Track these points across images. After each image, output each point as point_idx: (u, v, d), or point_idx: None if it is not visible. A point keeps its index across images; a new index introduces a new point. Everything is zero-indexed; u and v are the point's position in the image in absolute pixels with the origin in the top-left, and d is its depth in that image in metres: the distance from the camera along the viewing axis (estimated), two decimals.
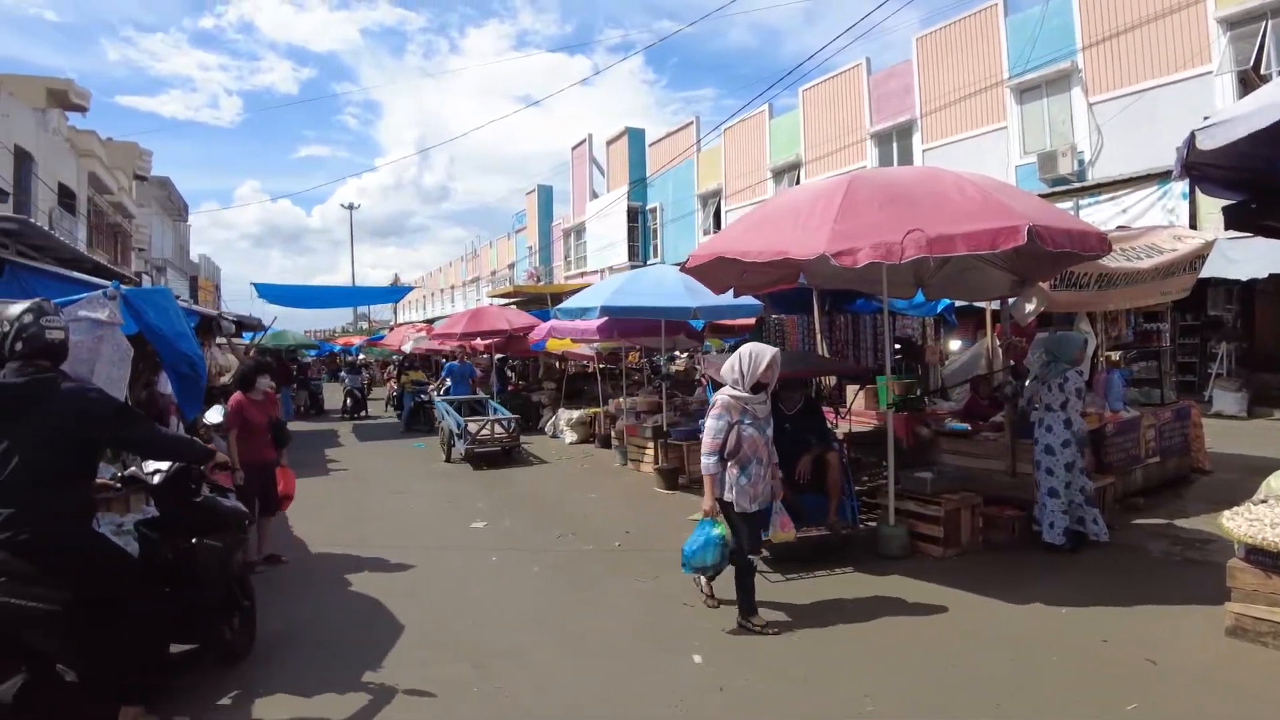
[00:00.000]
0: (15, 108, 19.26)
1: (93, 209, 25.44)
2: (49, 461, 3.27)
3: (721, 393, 4.92)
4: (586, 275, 30.04)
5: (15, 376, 3.29)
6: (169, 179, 37.91)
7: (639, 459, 10.53)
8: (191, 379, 4.74)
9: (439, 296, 53.23)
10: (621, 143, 29.76)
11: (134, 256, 30.10)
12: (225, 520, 4.28)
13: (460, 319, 15.69)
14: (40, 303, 3.46)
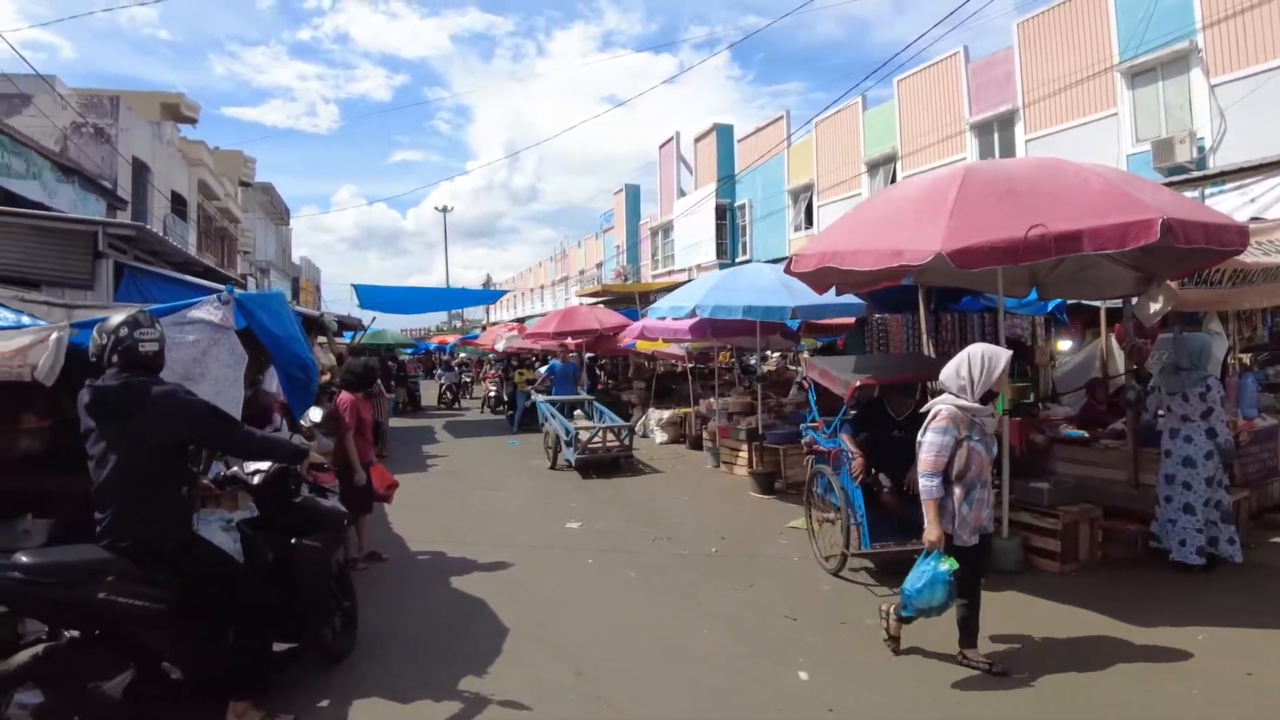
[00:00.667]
0: (134, 122, 20.28)
1: (202, 214, 26.63)
2: (145, 463, 3.40)
3: (944, 402, 4.22)
4: (674, 274, 29.85)
5: (112, 381, 3.44)
6: (272, 185, 39.43)
7: (732, 461, 10.36)
8: (303, 381, 4.83)
9: (528, 296, 53.96)
10: (709, 139, 29.46)
11: (240, 259, 31.39)
12: (324, 520, 4.32)
13: (552, 319, 15.81)
14: (137, 315, 3.57)
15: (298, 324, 5.09)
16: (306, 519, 4.21)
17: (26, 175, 12.12)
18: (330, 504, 4.43)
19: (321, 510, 4.33)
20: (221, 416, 3.62)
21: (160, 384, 3.49)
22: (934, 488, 4.12)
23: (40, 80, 16.69)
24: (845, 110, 23.26)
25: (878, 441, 6.02)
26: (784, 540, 7.11)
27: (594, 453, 10.82)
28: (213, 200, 28.01)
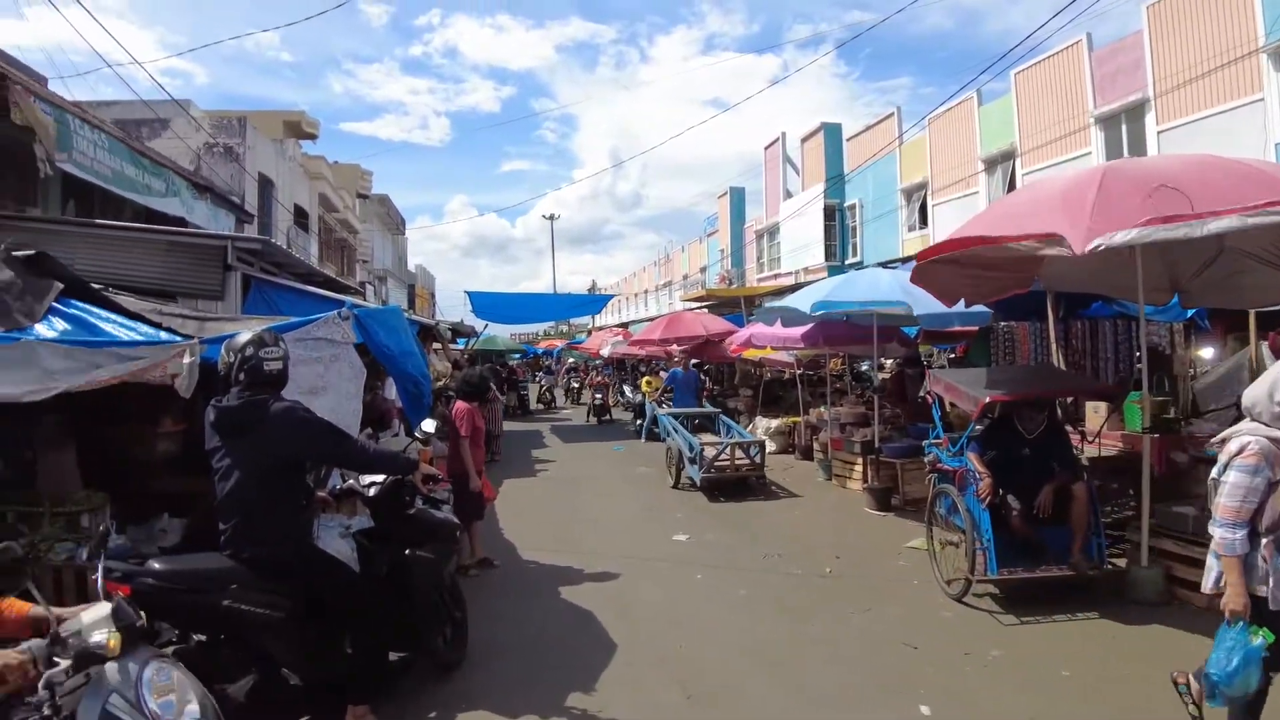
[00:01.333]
0: (259, 140, 21.34)
1: (323, 226, 27.81)
2: (264, 478, 3.52)
3: (1252, 433, 3.23)
4: (780, 277, 29.36)
5: (235, 400, 3.58)
6: (388, 196, 40.98)
7: (845, 475, 10.02)
8: (416, 395, 4.90)
9: (632, 301, 54.25)
10: (817, 139, 28.85)
11: (358, 268, 32.65)
12: (437, 532, 4.38)
13: (658, 325, 15.75)
14: (262, 334, 3.70)
15: (413, 338, 5.17)
16: (420, 530, 4.28)
17: (166, 193, 12.76)
18: (443, 516, 4.49)
19: (435, 522, 4.39)
20: (335, 433, 3.70)
21: (280, 401, 3.58)
22: (1238, 541, 3.21)
23: (177, 105, 17.71)
24: (959, 106, 22.39)
25: (1006, 461, 5.67)
26: (902, 562, 6.80)
27: (721, 471, 9.89)
28: (333, 213, 29.19)
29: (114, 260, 8.56)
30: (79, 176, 10.56)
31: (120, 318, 4.92)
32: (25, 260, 5.26)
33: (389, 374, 5.11)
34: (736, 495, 9.84)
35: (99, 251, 8.65)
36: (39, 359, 3.84)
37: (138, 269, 8.61)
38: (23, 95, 9.21)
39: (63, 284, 5.23)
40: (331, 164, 30.40)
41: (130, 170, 11.78)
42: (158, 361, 3.75)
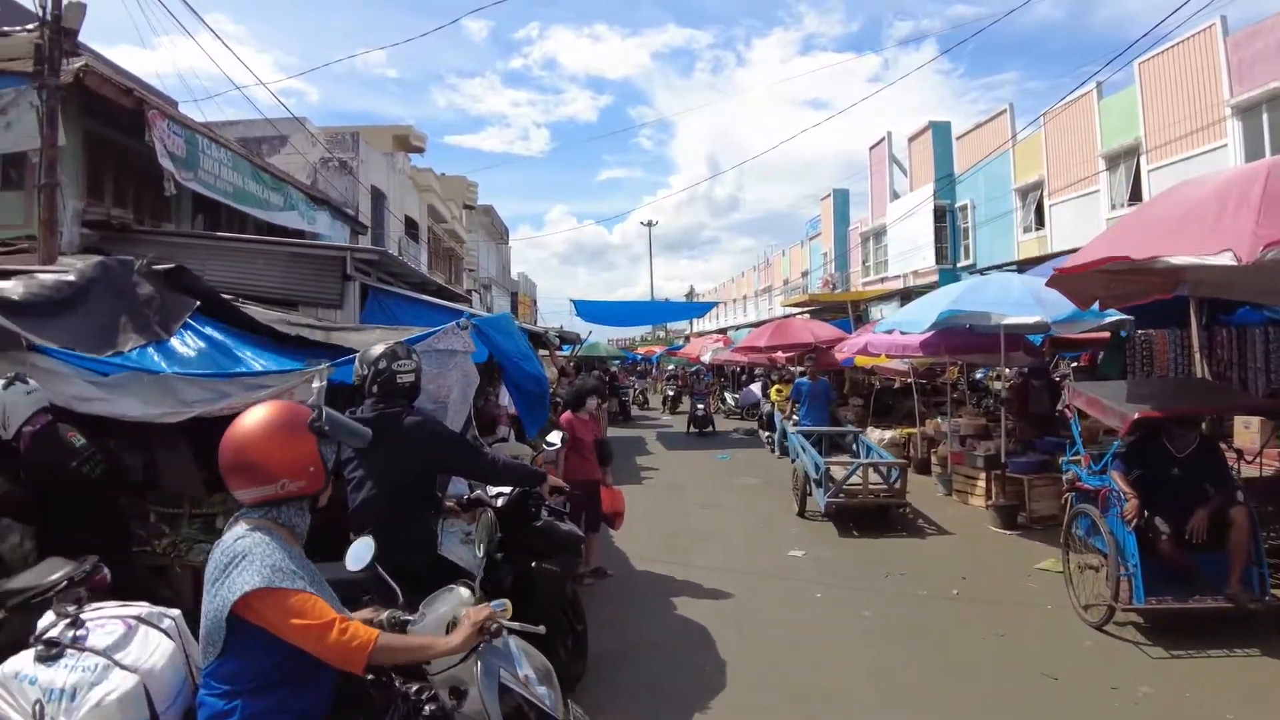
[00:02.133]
0: (371, 154, 22.12)
1: (431, 236, 28.61)
2: (397, 490, 3.55)
3: None
4: (887, 280, 28.58)
5: (369, 412, 3.60)
6: (492, 207, 41.90)
7: (966, 490, 9.56)
8: (537, 395, 4.97)
9: (731, 307, 53.81)
10: (925, 138, 27.94)
11: (465, 276, 33.45)
12: (562, 544, 4.35)
13: (764, 331, 15.49)
14: (395, 347, 3.74)
15: (526, 341, 5.21)
16: (546, 542, 4.27)
17: (285, 207, 13.27)
18: (568, 528, 4.45)
19: (560, 534, 4.36)
20: (466, 445, 3.77)
21: (412, 413, 3.62)
22: None
23: (296, 122, 18.54)
24: (1078, 100, 21.26)
25: (1154, 481, 5.26)
26: (1033, 584, 6.42)
27: (852, 497, 8.50)
28: (441, 223, 30.00)
29: (240, 271, 8.96)
30: (205, 194, 11.10)
31: (250, 343, 5.13)
32: (165, 274, 5.54)
33: (507, 378, 5.15)
34: (871, 527, 8.50)
35: (227, 263, 9.08)
36: (174, 389, 4.02)
37: (262, 279, 8.98)
38: (155, 119, 9.77)
39: (198, 300, 5.49)
40: (439, 176, 31.24)
41: (252, 186, 12.27)
42: (287, 388, 3.87)
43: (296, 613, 2.01)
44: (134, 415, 3.96)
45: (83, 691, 2.05)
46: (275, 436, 2.18)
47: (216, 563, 2.08)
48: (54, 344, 4.22)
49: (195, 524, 4.64)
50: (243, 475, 2.16)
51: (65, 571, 3.43)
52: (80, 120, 9.74)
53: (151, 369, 4.15)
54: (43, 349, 4.07)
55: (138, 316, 5.05)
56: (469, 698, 2.30)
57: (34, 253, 7.07)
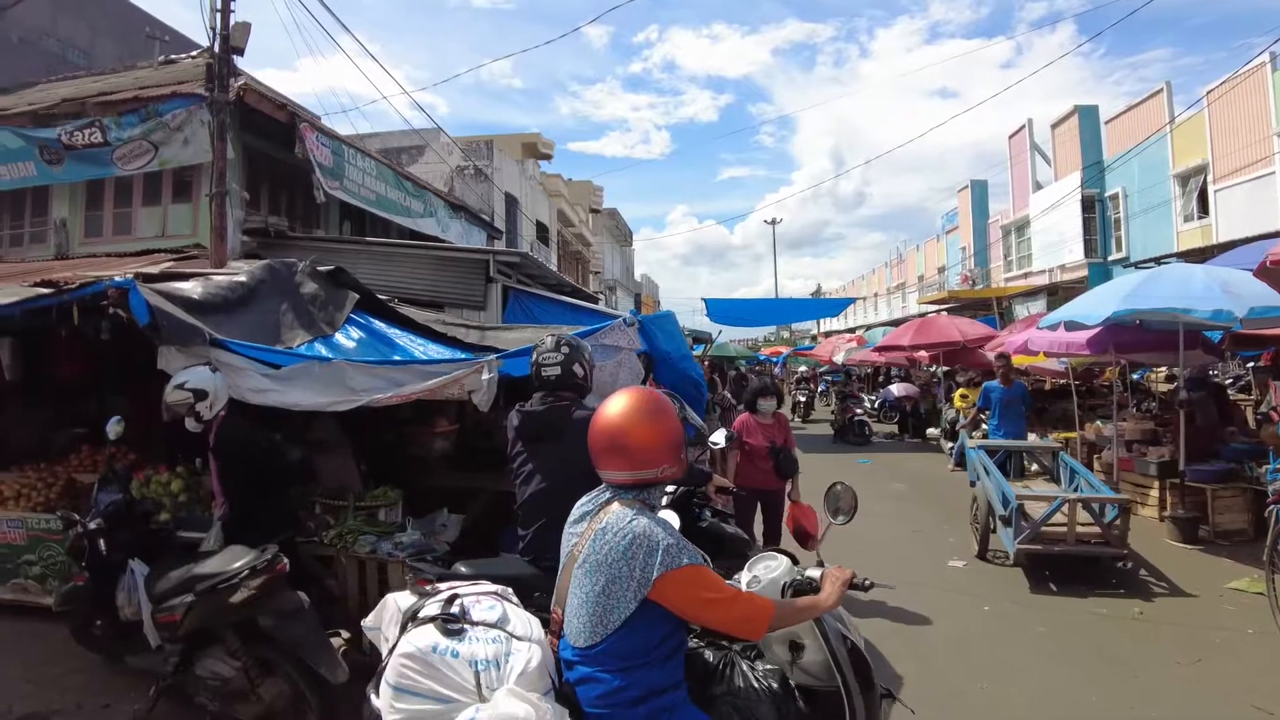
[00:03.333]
0: (504, 161, 22.79)
1: (560, 240, 29.19)
2: (566, 486, 3.35)
3: None
4: (1031, 276, 27.07)
5: (537, 405, 3.52)
6: (617, 210, 42.43)
7: (1137, 500, 8.76)
8: (695, 398, 4.83)
9: (861, 305, 52.32)
10: (1070, 124, 26.23)
11: (591, 279, 33.92)
12: (728, 547, 4.13)
13: (906, 330, 14.83)
14: (545, 338, 3.67)
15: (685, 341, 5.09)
16: (710, 544, 3.98)
17: (424, 214, 13.83)
18: (734, 530, 4.26)
19: (725, 536, 4.16)
20: None
21: (583, 409, 3.49)
22: None
23: (433, 133, 19.32)
24: (1246, 75, 19.48)
25: None
26: (1229, 606, 5.80)
27: (1053, 542, 6.49)
28: (569, 227, 30.60)
29: (390, 274, 9.30)
30: (351, 203, 11.58)
31: (412, 334, 5.26)
32: (327, 274, 5.75)
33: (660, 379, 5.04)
34: (1075, 576, 6.50)
35: (376, 266, 9.44)
36: (346, 378, 4.12)
37: (410, 282, 9.31)
38: (305, 131, 10.31)
39: (358, 295, 5.68)
40: (567, 181, 31.86)
41: (393, 193, 12.81)
42: (457, 378, 3.89)
43: (707, 587, 2.13)
44: (306, 405, 4.09)
45: (504, 661, 2.14)
46: (660, 423, 2.29)
47: (609, 544, 2.14)
48: (239, 339, 4.42)
49: (359, 515, 4.75)
50: (626, 458, 2.27)
51: (248, 560, 3.54)
52: (240, 135, 10.32)
53: (322, 360, 4.27)
54: (222, 343, 4.25)
55: (304, 314, 5.26)
56: (807, 649, 2.37)
57: (202, 259, 7.51)
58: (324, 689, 3.47)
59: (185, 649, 3.61)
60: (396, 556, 4.25)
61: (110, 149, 9.67)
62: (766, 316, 18.12)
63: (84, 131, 9.76)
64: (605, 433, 2.30)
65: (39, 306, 4.51)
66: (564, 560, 2.30)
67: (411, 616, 2.28)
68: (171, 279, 5.01)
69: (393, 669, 2.12)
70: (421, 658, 2.11)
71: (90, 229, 10.96)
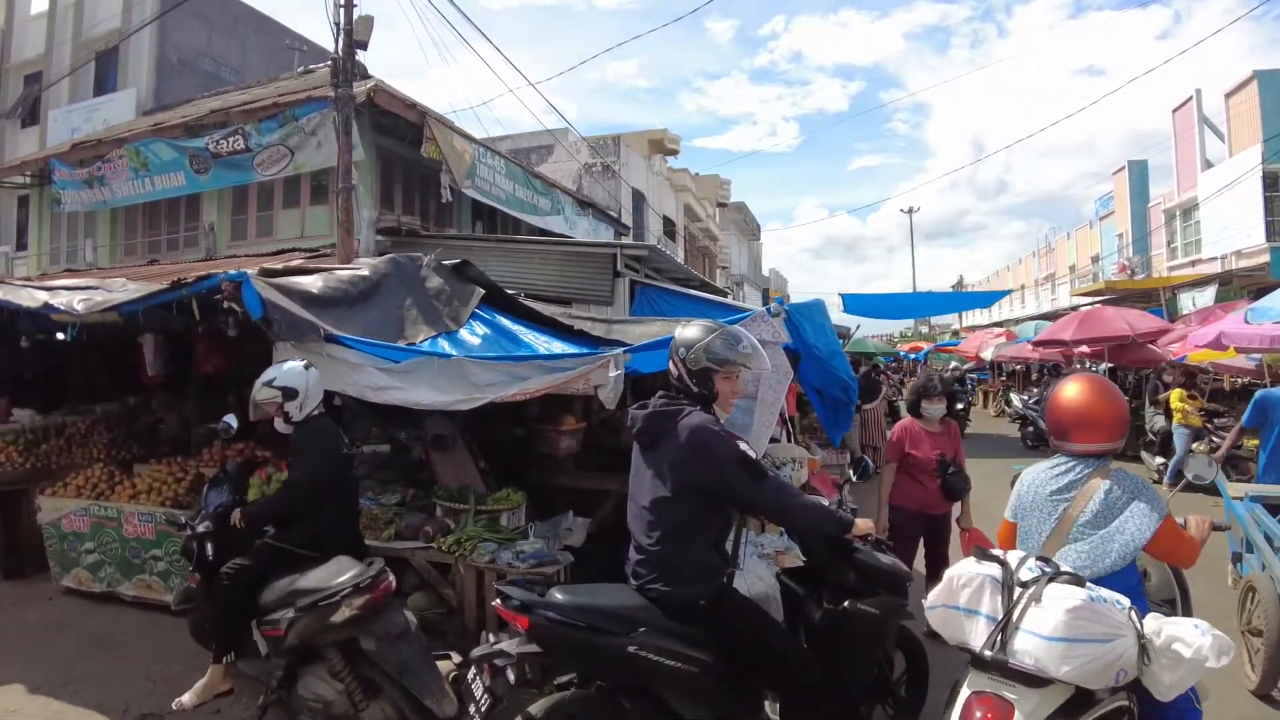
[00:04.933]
0: (631, 157, 22.79)
1: (687, 235, 28.91)
2: (671, 503, 2.90)
3: None
4: (1200, 264, 24.66)
5: (657, 405, 3.01)
6: (744, 204, 41.63)
7: None
8: (843, 403, 4.23)
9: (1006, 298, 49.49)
10: (1248, 93, 23.64)
11: (719, 273, 33.44)
12: (883, 580, 3.40)
13: (1068, 323, 13.58)
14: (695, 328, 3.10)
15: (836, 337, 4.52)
16: (861, 577, 3.35)
17: (551, 212, 13.90)
18: (891, 561, 3.45)
19: (879, 568, 3.38)
20: (747, 466, 2.90)
21: (690, 414, 2.92)
22: None
23: (561, 132, 19.49)
24: None
25: None
26: None
27: None
28: (696, 222, 30.30)
29: (518, 270, 9.26)
30: (482, 201, 11.72)
31: (537, 329, 4.98)
32: (452, 268, 5.56)
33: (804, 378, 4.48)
34: None
35: (504, 263, 9.43)
36: (467, 374, 3.84)
37: (538, 277, 9.23)
38: (438, 127, 10.38)
39: (484, 290, 5.45)
40: (693, 176, 31.56)
41: (522, 192, 12.91)
42: (584, 373, 3.56)
43: (1179, 533, 2.75)
44: (427, 403, 3.85)
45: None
46: (1120, 402, 2.87)
47: (1108, 502, 2.72)
48: (349, 335, 4.24)
49: (480, 520, 4.45)
50: (1102, 431, 2.80)
51: (352, 575, 3.29)
52: (373, 137, 10.60)
53: (442, 355, 4.02)
54: (338, 338, 4.07)
55: (428, 309, 5.07)
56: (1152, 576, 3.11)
57: (334, 257, 7.56)
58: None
59: (290, 663, 3.39)
60: (516, 566, 3.94)
61: (252, 155, 10.08)
62: (909, 310, 17.10)
63: (229, 139, 10.24)
64: (1085, 408, 2.84)
65: (161, 302, 4.46)
66: (1055, 524, 2.81)
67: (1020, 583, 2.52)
68: (295, 274, 4.88)
69: (1062, 624, 2.33)
70: (1086, 607, 2.34)
71: (236, 232, 11.58)
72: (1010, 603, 2.46)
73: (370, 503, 4.68)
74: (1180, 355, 10.87)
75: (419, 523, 4.32)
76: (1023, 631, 2.40)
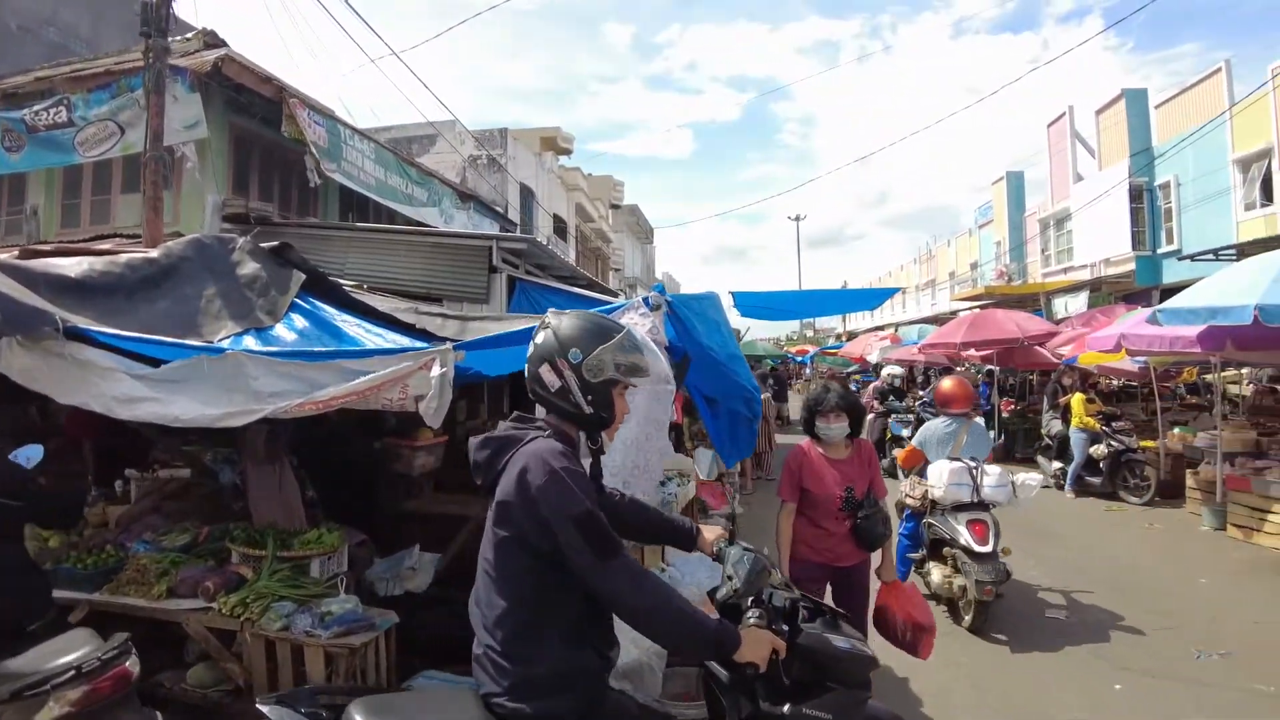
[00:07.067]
0: (520, 151, 22.09)
1: (579, 235, 28.23)
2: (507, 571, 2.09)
3: None
4: (1072, 270, 25.74)
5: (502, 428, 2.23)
6: (637, 206, 41.21)
7: (1252, 526, 7.38)
8: (746, 419, 3.40)
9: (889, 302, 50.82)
10: (1115, 110, 24.78)
11: (612, 275, 32.85)
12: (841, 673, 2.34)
13: (957, 325, 13.47)
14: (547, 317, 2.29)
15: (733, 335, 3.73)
16: (810, 668, 2.31)
17: (428, 203, 13.08)
18: (848, 645, 2.36)
19: (833, 654, 2.32)
20: (590, 533, 1.96)
21: (531, 441, 2.09)
22: None
23: (446, 124, 18.55)
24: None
25: None
26: None
27: None
28: (589, 222, 29.71)
29: (382, 263, 8.39)
30: (348, 186, 10.74)
31: (369, 322, 4.05)
32: (270, 251, 4.57)
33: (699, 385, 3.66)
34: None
35: (368, 255, 8.56)
36: (247, 378, 2.85)
37: (405, 272, 8.37)
38: (296, 107, 9.31)
39: (305, 275, 4.48)
40: (586, 175, 30.93)
41: (395, 179, 12.01)
42: (398, 376, 2.66)
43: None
44: (190, 419, 2.84)
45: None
46: (971, 389, 6.22)
47: (973, 438, 5.85)
48: (115, 330, 3.23)
49: (280, 571, 3.38)
50: (963, 403, 5.90)
51: (78, 655, 2.36)
52: (226, 115, 9.51)
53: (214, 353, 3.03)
54: (82, 333, 3.07)
55: (238, 300, 4.06)
56: None
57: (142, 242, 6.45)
58: None
59: None
60: (316, 635, 2.97)
61: (75, 130, 8.80)
62: (801, 308, 16.80)
63: (49, 111, 8.97)
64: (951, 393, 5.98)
65: None
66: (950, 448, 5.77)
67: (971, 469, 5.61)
68: (55, 255, 3.82)
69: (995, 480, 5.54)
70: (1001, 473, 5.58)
71: (68, 218, 10.26)
72: (976, 477, 5.50)
73: (145, 547, 3.62)
74: (1072, 358, 10.81)
75: (198, 576, 3.28)
76: (985, 487, 5.45)
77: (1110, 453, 9.60)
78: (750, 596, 2.29)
